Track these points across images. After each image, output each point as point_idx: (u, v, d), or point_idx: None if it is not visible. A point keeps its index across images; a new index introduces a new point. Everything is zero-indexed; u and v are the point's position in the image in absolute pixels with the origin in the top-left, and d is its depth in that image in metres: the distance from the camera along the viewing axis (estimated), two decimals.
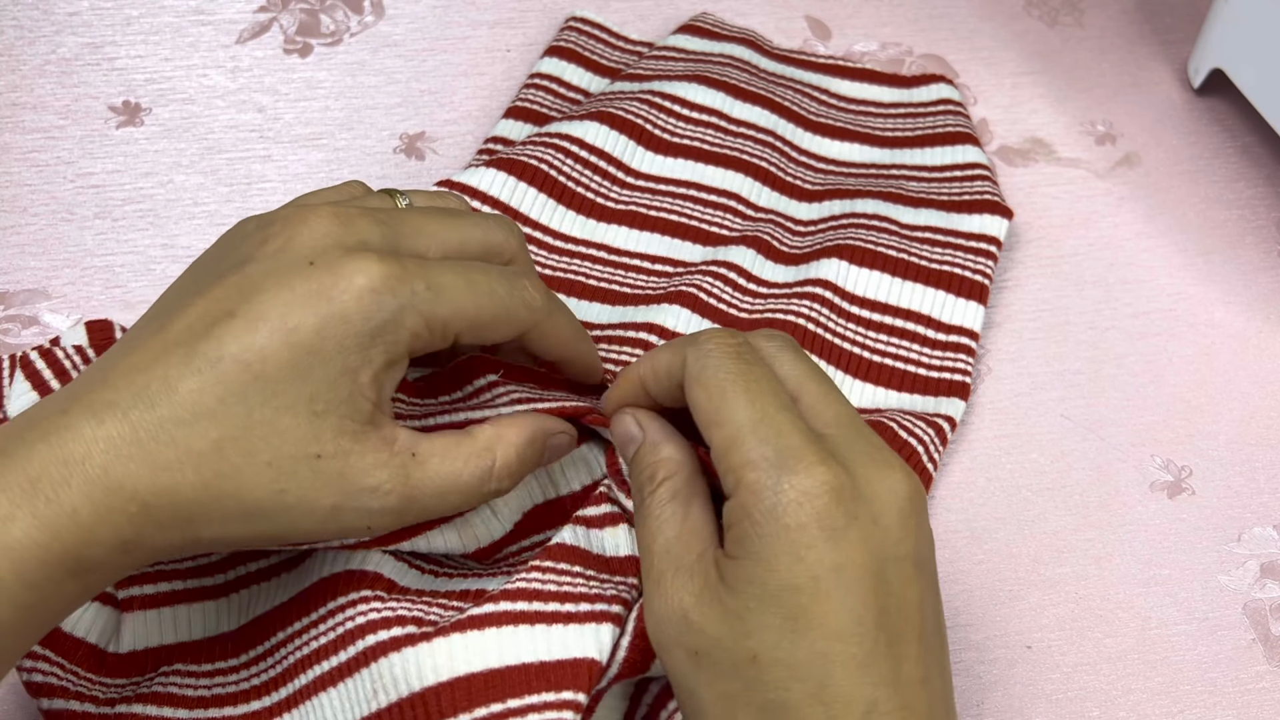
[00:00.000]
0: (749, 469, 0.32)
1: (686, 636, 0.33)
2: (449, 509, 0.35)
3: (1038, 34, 0.62)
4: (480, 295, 0.35)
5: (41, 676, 0.37)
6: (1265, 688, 0.44)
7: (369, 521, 0.34)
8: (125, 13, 0.57)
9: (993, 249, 0.51)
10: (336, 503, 0.33)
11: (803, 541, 0.31)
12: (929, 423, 0.46)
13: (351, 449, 0.33)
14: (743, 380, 0.33)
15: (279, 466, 0.32)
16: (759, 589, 0.31)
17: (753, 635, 0.31)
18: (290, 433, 0.32)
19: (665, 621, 0.33)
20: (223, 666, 0.39)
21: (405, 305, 0.33)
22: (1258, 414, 0.50)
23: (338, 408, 0.33)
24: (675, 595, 0.33)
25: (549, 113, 0.55)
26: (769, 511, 0.31)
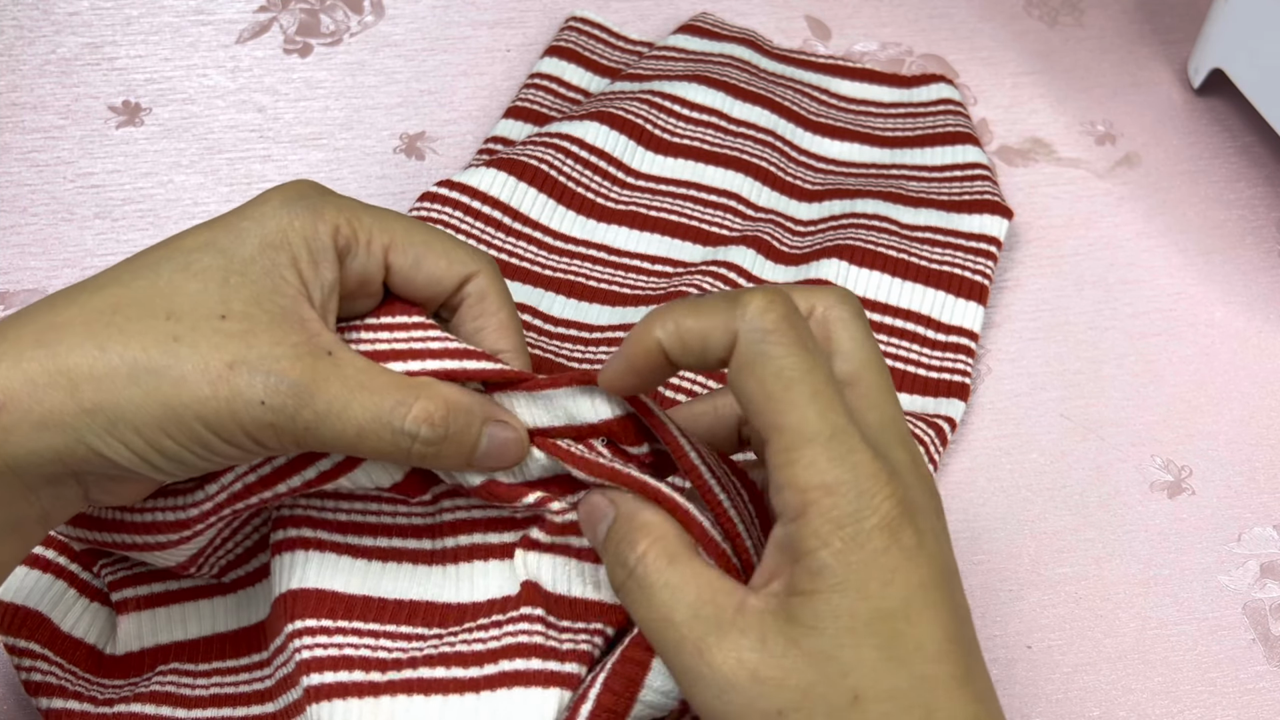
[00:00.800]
0: (826, 493, 0.29)
1: (763, 699, 0.29)
2: (349, 432, 0.31)
3: (1038, 34, 0.62)
4: (411, 222, 0.34)
5: (40, 676, 0.37)
6: (1265, 688, 0.44)
7: (262, 394, 0.30)
8: (125, 13, 0.57)
9: (993, 249, 0.51)
10: (232, 362, 0.30)
11: (889, 564, 0.29)
12: (929, 423, 0.46)
13: (260, 318, 0.31)
14: (809, 381, 0.29)
15: (177, 318, 0.30)
16: (850, 620, 0.28)
17: (851, 673, 0.28)
18: (197, 295, 0.31)
19: (729, 690, 0.29)
20: (221, 667, 0.39)
21: (329, 200, 0.33)
22: (1258, 414, 0.50)
23: (255, 282, 0.31)
24: (731, 657, 0.29)
25: (549, 113, 0.55)
26: (853, 539, 0.29)
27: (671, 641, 0.30)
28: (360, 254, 0.33)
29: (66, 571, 0.39)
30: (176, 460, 0.31)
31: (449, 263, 0.35)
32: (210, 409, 0.30)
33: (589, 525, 0.33)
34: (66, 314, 0.30)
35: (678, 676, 0.30)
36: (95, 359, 0.30)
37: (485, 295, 0.35)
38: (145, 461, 0.31)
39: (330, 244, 0.33)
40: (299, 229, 0.32)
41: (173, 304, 0.31)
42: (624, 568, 0.31)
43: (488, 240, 0.49)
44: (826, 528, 0.29)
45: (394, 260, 0.34)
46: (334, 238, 0.33)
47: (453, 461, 0.33)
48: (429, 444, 0.32)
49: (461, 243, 0.35)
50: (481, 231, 0.49)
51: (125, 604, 0.39)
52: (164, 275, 0.31)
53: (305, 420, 0.31)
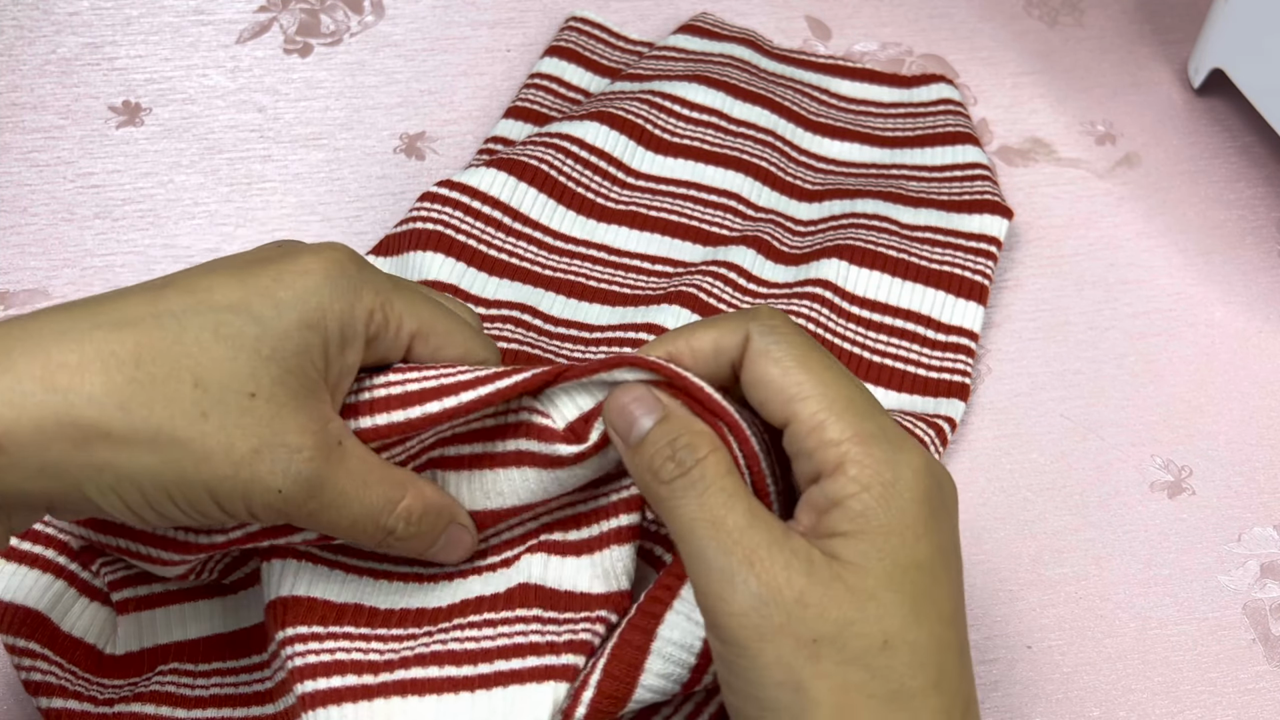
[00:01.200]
0: (861, 442, 0.30)
1: (801, 623, 0.28)
2: (344, 522, 0.33)
3: (1038, 34, 0.62)
4: (438, 308, 0.35)
5: (40, 675, 0.37)
6: (1265, 688, 0.44)
7: (281, 483, 0.30)
8: (125, 13, 0.57)
9: (993, 249, 0.51)
10: (258, 447, 0.30)
11: (922, 517, 0.29)
12: (929, 423, 0.46)
13: (287, 403, 0.30)
14: (821, 355, 0.31)
15: (206, 389, 0.29)
16: (890, 565, 0.29)
17: (886, 617, 0.29)
18: (227, 363, 0.30)
19: (770, 605, 0.29)
20: (221, 667, 0.39)
21: (367, 281, 0.33)
22: (1258, 414, 0.50)
23: (285, 360, 0.31)
24: (780, 575, 0.29)
25: (549, 113, 0.55)
26: (893, 485, 0.29)
27: (721, 543, 0.29)
28: (388, 339, 0.34)
29: (66, 571, 0.39)
30: (167, 519, 0.31)
31: (465, 352, 0.35)
32: (226, 489, 0.30)
33: (623, 415, 0.32)
34: (80, 353, 0.29)
35: (712, 583, 0.29)
36: (115, 419, 0.28)
37: None
38: (135, 515, 0.30)
39: (363, 331, 0.33)
40: (338, 313, 0.32)
41: (200, 370, 0.30)
42: (679, 465, 0.31)
43: (488, 240, 0.49)
44: (867, 474, 0.29)
45: (416, 347, 0.34)
46: (367, 324, 0.33)
47: (409, 550, 0.35)
48: (400, 539, 0.34)
49: (480, 337, 0.36)
50: (481, 231, 0.49)
51: (125, 604, 0.39)
52: (190, 331, 0.30)
53: (310, 509, 0.32)
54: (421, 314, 0.34)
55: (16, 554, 0.39)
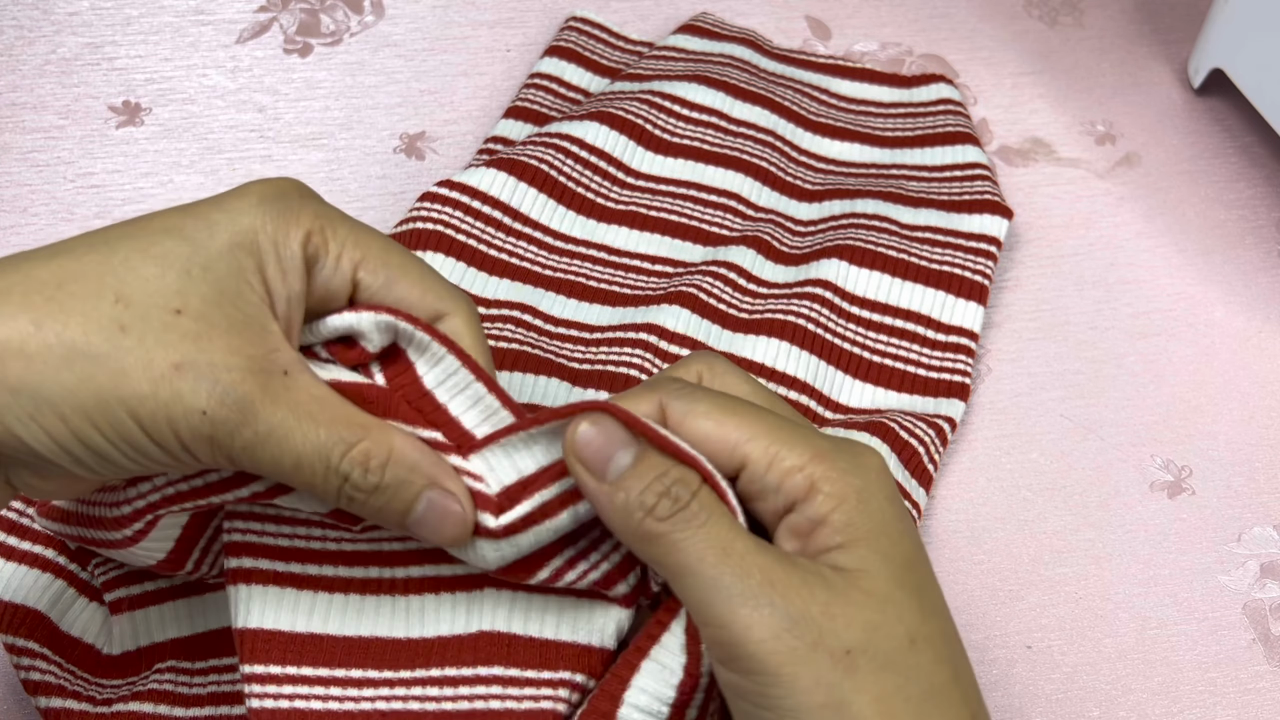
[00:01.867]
0: (820, 460, 0.29)
1: (833, 636, 0.28)
2: (287, 461, 0.29)
3: (1038, 34, 0.62)
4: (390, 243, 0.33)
5: (39, 675, 0.37)
6: (1265, 688, 0.44)
7: (206, 403, 0.28)
8: (125, 13, 0.57)
9: (992, 249, 0.51)
10: (180, 363, 0.28)
11: (895, 514, 0.30)
12: (929, 423, 0.46)
13: (219, 323, 0.28)
14: (736, 401, 0.31)
15: (127, 303, 0.28)
16: (891, 566, 0.29)
17: (904, 617, 0.29)
18: (152, 281, 0.28)
19: (799, 624, 0.28)
20: (218, 664, 0.39)
21: (308, 206, 0.31)
22: (1258, 414, 0.50)
23: (218, 281, 0.29)
24: (803, 592, 0.28)
25: (549, 113, 0.55)
26: (863, 489, 0.29)
27: (737, 569, 0.28)
28: (328, 265, 0.31)
29: (66, 571, 0.39)
30: (100, 455, 0.28)
31: (422, 293, 0.32)
32: (147, 409, 0.28)
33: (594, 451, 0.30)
34: (7, 280, 0.28)
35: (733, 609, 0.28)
36: (28, 335, 0.27)
37: (460, 338, 0.33)
38: (66, 452, 0.28)
39: (300, 254, 0.31)
40: (270, 232, 0.30)
41: (124, 287, 0.28)
42: (676, 501, 0.29)
43: (488, 240, 0.49)
44: (839, 487, 0.29)
45: (363, 278, 0.32)
46: (304, 246, 0.31)
47: (384, 517, 0.31)
48: (358, 489, 0.30)
49: (441, 278, 0.33)
50: (481, 231, 0.49)
51: (119, 604, 0.39)
52: (119, 253, 0.29)
53: (244, 439, 0.29)
54: (369, 244, 0.32)
55: (16, 553, 0.39)
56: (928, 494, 0.45)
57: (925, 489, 0.45)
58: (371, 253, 0.32)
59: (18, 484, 0.30)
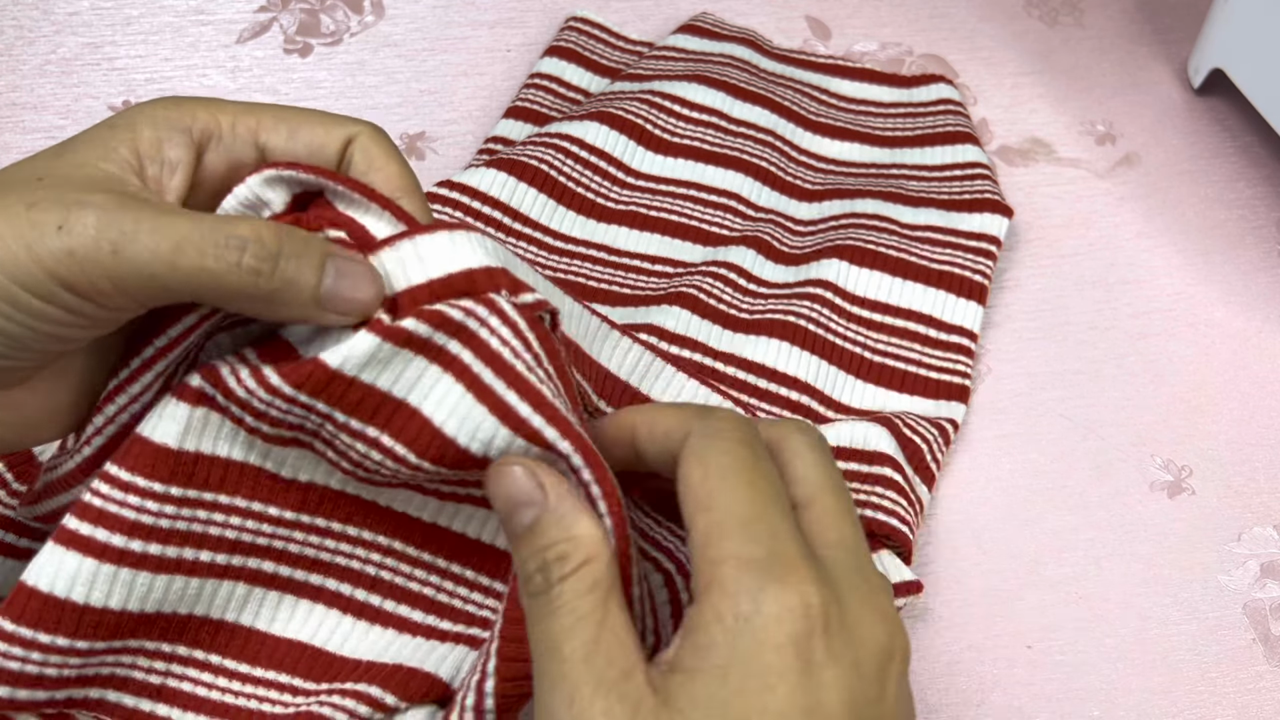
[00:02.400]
0: (730, 565, 0.27)
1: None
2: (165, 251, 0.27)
3: (1038, 34, 0.62)
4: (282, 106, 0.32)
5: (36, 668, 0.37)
6: (1265, 688, 0.44)
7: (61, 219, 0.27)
8: (125, 13, 0.57)
9: (992, 248, 0.51)
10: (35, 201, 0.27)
11: (776, 668, 0.26)
12: (932, 422, 0.46)
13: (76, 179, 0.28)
14: (748, 471, 0.29)
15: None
16: (716, 713, 0.26)
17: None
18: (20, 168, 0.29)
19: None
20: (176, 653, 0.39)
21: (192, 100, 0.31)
22: (1258, 414, 0.50)
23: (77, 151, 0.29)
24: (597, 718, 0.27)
25: (549, 113, 0.55)
26: (745, 620, 0.26)
27: (550, 673, 0.28)
28: (225, 137, 0.31)
29: None
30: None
31: (326, 128, 0.32)
32: (8, 252, 0.27)
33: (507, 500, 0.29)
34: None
35: (541, 704, 0.28)
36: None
37: (370, 152, 0.32)
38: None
39: (182, 127, 0.30)
40: (146, 112, 0.30)
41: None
42: (544, 580, 0.28)
43: None
44: (726, 603, 0.27)
45: (266, 139, 0.31)
46: (188, 122, 0.30)
47: (294, 295, 0.29)
48: (261, 259, 0.28)
49: (342, 119, 0.33)
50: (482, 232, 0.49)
51: None
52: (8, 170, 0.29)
53: (110, 240, 0.27)
54: (259, 110, 0.32)
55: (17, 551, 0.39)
56: (930, 492, 0.45)
57: (928, 486, 0.45)
58: (265, 116, 0.32)
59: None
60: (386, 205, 0.31)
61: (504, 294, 0.30)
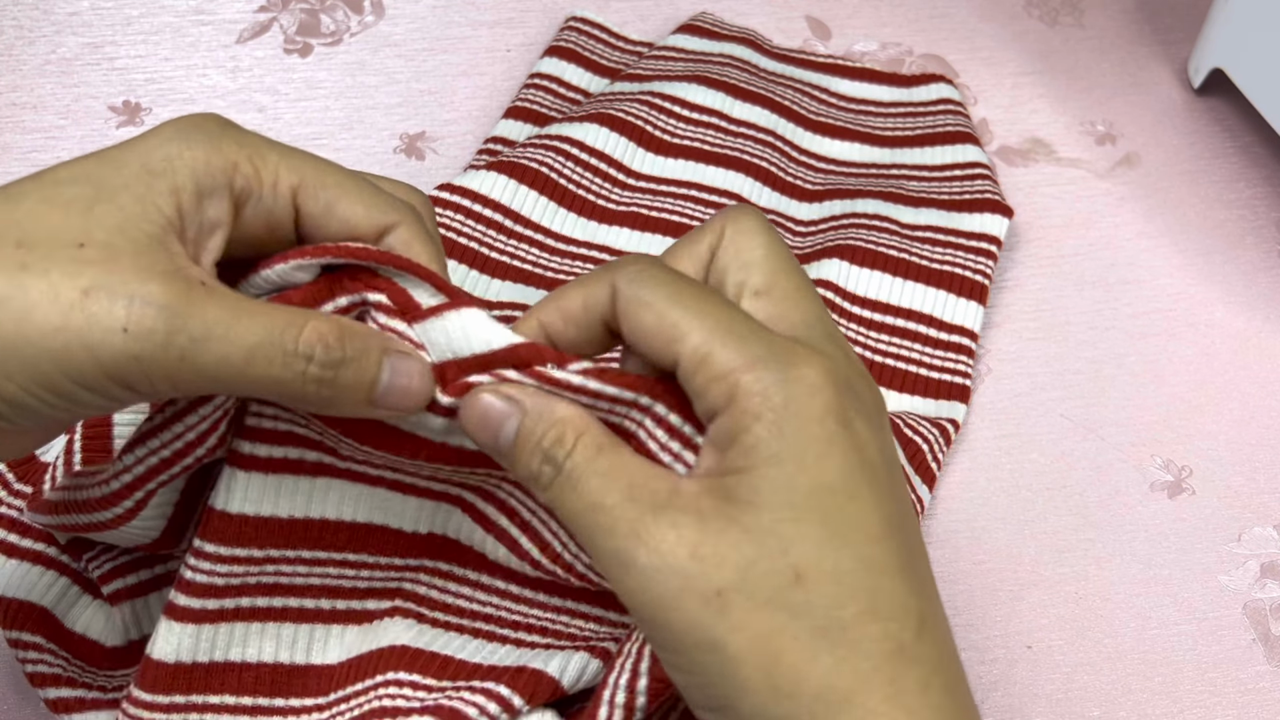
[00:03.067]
0: (744, 371, 0.27)
1: (701, 579, 0.27)
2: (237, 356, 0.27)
3: (1038, 34, 0.62)
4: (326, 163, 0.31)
5: (46, 668, 0.37)
6: (1265, 688, 0.44)
7: (125, 319, 0.26)
8: (125, 13, 0.57)
9: (993, 248, 0.51)
10: (88, 288, 0.26)
11: (825, 435, 0.27)
12: (933, 423, 0.46)
13: (125, 249, 0.27)
14: (691, 290, 0.29)
15: (29, 247, 0.27)
16: (789, 494, 0.27)
17: (792, 549, 0.27)
18: (56, 224, 0.27)
19: (664, 571, 0.27)
20: None
21: (230, 136, 0.30)
22: (1258, 414, 0.50)
23: (122, 208, 0.28)
24: (669, 536, 0.27)
25: (549, 113, 0.55)
26: (783, 407, 0.27)
27: (604, 526, 0.28)
28: (265, 196, 0.30)
29: (69, 569, 0.39)
30: (22, 408, 0.27)
31: (366, 210, 0.31)
32: (60, 343, 0.26)
33: (484, 427, 0.30)
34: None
35: (608, 566, 0.28)
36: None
37: (410, 246, 0.32)
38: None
39: (224, 182, 0.29)
40: (188, 160, 0.29)
41: (26, 232, 0.27)
42: (553, 465, 0.29)
43: (489, 243, 0.49)
44: (756, 402, 0.27)
45: (303, 204, 0.30)
46: (230, 175, 0.29)
47: (351, 396, 0.29)
48: (326, 368, 0.28)
49: (382, 190, 0.32)
50: (483, 234, 0.49)
51: (118, 594, 0.39)
52: (24, 205, 0.27)
53: (179, 347, 0.27)
54: (303, 167, 0.30)
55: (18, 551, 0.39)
56: (931, 492, 0.46)
57: (929, 486, 0.45)
58: (307, 177, 0.31)
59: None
60: (428, 277, 0.31)
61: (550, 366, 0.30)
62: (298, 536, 0.34)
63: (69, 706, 0.37)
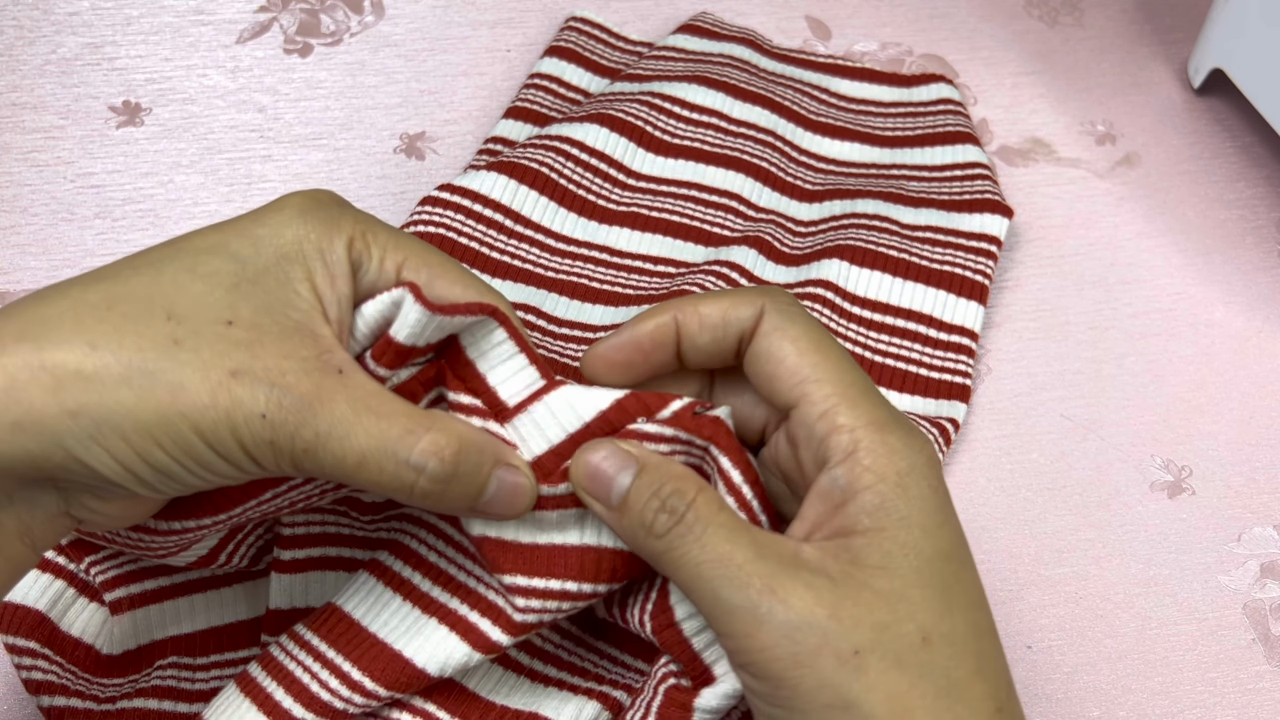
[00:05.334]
0: (875, 429, 0.29)
1: (840, 638, 0.28)
2: (351, 457, 0.29)
3: (1038, 34, 0.62)
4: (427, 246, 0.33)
5: (41, 674, 0.37)
6: (1265, 688, 0.44)
7: (265, 406, 0.28)
8: (125, 13, 0.57)
9: (993, 248, 0.51)
10: (236, 370, 0.28)
11: (939, 504, 0.29)
12: (933, 423, 0.46)
13: (270, 329, 0.29)
14: (831, 342, 0.31)
15: (179, 320, 0.28)
16: (915, 559, 0.28)
17: (919, 613, 0.28)
18: (202, 298, 0.29)
19: (803, 629, 0.28)
20: (220, 660, 0.39)
21: (346, 212, 0.32)
22: (1258, 414, 0.50)
23: (267, 291, 0.29)
24: (808, 596, 0.28)
25: (549, 113, 0.55)
26: (909, 474, 0.29)
27: (735, 581, 0.28)
28: (372, 269, 0.32)
29: (66, 571, 0.39)
30: (164, 473, 0.29)
31: (463, 290, 0.33)
32: (208, 419, 0.28)
33: (597, 481, 0.31)
34: (56, 307, 0.28)
35: (735, 620, 0.28)
36: (84, 356, 0.27)
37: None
38: (130, 473, 0.28)
39: (345, 258, 0.31)
40: (315, 241, 0.31)
41: (175, 305, 0.28)
42: (672, 514, 0.30)
43: (489, 243, 0.49)
44: (881, 463, 0.29)
45: (406, 277, 0.32)
46: (349, 251, 0.31)
47: (456, 503, 0.31)
48: (435, 481, 0.30)
49: (478, 278, 0.34)
50: (483, 234, 0.49)
51: (119, 604, 0.39)
52: (167, 274, 0.29)
53: (305, 440, 0.29)
54: (407, 246, 0.32)
55: None
56: None
57: None
58: (412, 254, 0.32)
59: (78, 513, 0.30)
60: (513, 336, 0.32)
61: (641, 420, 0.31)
62: None
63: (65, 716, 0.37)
